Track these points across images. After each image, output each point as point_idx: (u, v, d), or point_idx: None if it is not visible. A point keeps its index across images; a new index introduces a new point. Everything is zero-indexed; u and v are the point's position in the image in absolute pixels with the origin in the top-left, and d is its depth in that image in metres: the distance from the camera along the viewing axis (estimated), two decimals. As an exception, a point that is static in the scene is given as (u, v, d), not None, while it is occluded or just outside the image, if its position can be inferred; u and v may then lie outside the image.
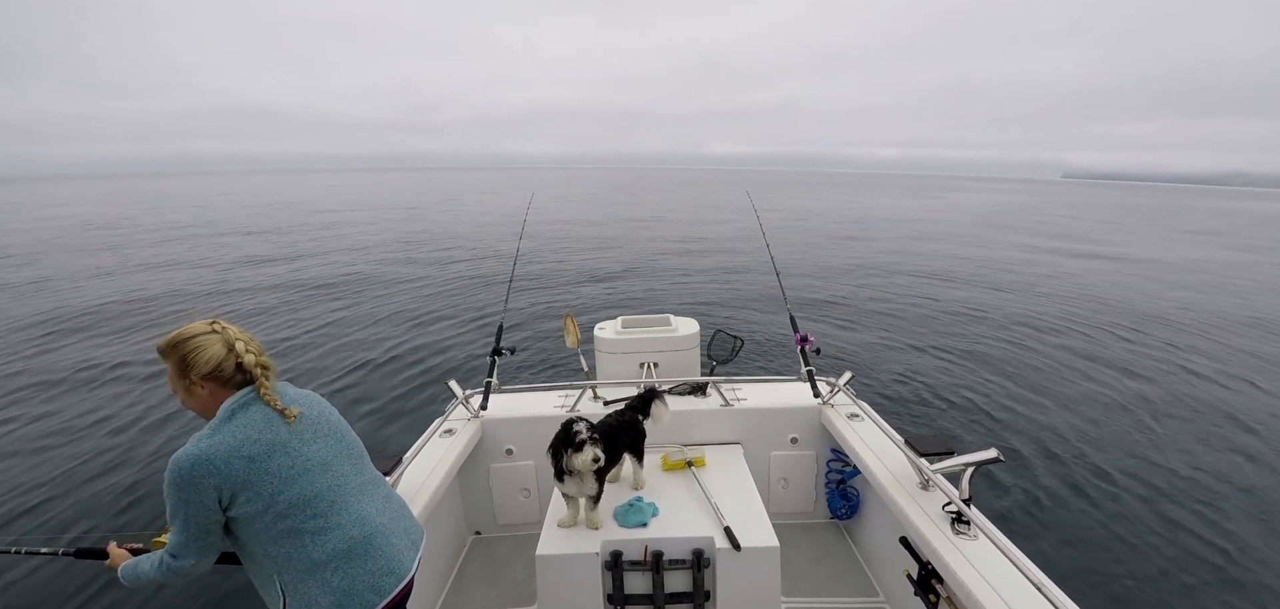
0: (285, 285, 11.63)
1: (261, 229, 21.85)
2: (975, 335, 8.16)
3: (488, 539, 3.05)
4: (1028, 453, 4.80)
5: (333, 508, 1.40)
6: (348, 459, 1.50)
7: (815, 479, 3.01)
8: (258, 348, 1.43)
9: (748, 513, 2.16)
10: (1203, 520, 3.94)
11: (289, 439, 1.37)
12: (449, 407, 2.99)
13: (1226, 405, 5.81)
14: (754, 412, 2.92)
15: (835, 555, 2.82)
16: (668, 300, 10.39)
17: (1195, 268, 15.08)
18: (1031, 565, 1.68)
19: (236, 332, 1.42)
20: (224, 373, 1.36)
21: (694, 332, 3.46)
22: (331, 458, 1.45)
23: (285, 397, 1.43)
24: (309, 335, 8.20)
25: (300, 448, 1.39)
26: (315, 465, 1.40)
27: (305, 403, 1.47)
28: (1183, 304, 10.41)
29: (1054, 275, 13.16)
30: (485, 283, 11.70)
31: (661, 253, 15.99)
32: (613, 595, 2.04)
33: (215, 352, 1.35)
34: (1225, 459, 4.75)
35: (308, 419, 1.44)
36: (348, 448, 1.52)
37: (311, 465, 1.39)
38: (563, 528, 2.12)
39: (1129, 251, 17.74)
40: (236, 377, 1.38)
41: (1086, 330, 8.47)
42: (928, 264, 14.35)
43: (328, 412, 1.52)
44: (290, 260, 14.72)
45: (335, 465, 1.45)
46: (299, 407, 1.44)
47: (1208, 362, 7.19)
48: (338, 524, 1.39)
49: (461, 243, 18.05)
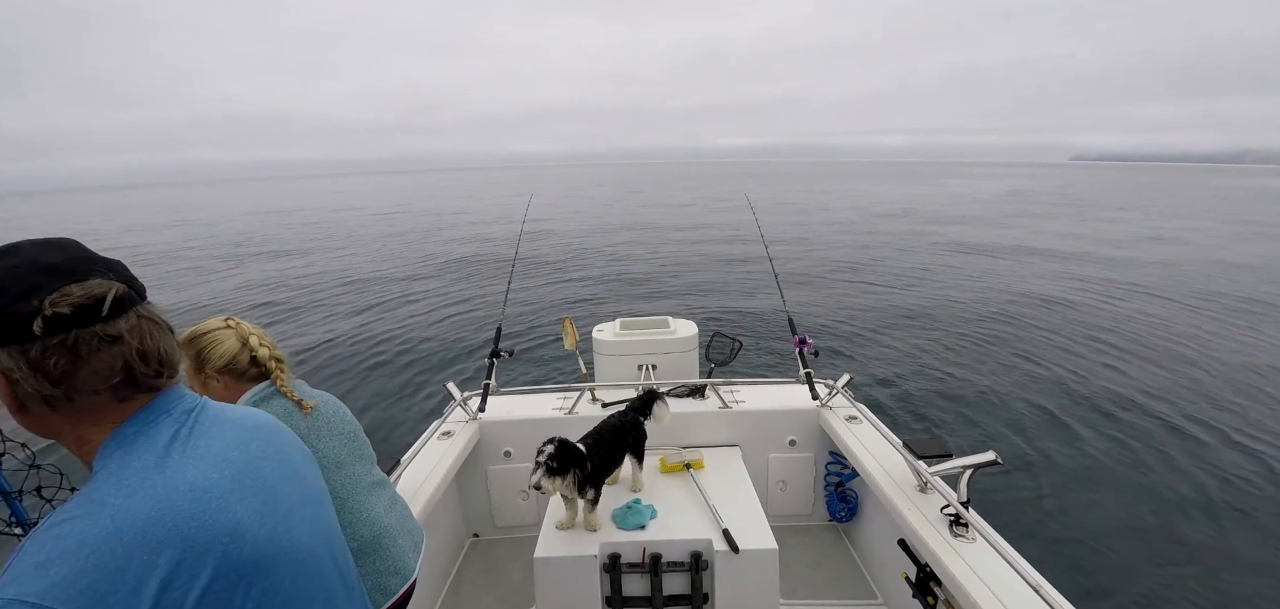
0: (283, 285, 11.62)
1: (257, 238, 21.82)
2: (976, 336, 8.17)
3: (486, 541, 3.04)
4: (1027, 455, 4.81)
5: (344, 506, 1.41)
6: (359, 459, 1.51)
7: (814, 482, 3.01)
8: (271, 343, 1.46)
9: (746, 515, 2.16)
10: (1204, 521, 3.95)
11: (306, 433, 1.39)
12: (447, 409, 2.98)
13: (1238, 402, 5.83)
14: (752, 414, 2.92)
15: (833, 558, 2.82)
16: (666, 302, 10.39)
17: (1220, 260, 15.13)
18: (1030, 568, 1.68)
19: (250, 327, 1.45)
20: (238, 366, 1.39)
21: (692, 334, 3.46)
22: (345, 456, 1.46)
23: (301, 391, 1.46)
24: (305, 337, 8.20)
25: (316, 443, 1.40)
26: (329, 462, 1.41)
27: (320, 400, 1.49)
28: (1180, 293, 10.43)
29: (1056, 271, 13.19)
30: (483, 284, 11.70)
31: (660, 253, 16.00)
32: (611, 597, 2.04)
33: (230, 346, 1.39)
34: (1235, 457, 4.75)
35: (323, 415, 1.46)
36: (359, 448, 1.53)
37: (326, 462, 1.40)
38: (561, 530, 2.12)
39: (1136, 235, 17.79)
40: (251, 370, 1.40)
41: (1087, 326, 8.49)
42: (928, 262, 14.37)
43: (341, 410, 1.54)
44: (288, 256, 14.71)
45: (348, 464, 1.46)
46: (315, 401, 1.46)
47: (1213, 353, 7.20)
48: (348, 522, 1.40)
49: (461, 243, 18.05)
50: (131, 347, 0.70)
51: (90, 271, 0.70)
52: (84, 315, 0.67)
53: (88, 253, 0.73)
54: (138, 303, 0.74)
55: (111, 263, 0.74)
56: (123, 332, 0.70)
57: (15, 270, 0.66)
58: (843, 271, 13.34)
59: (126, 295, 0.72)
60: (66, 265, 0.69)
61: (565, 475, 1.92)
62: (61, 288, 0.66)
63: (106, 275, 0.71)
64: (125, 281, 0.73)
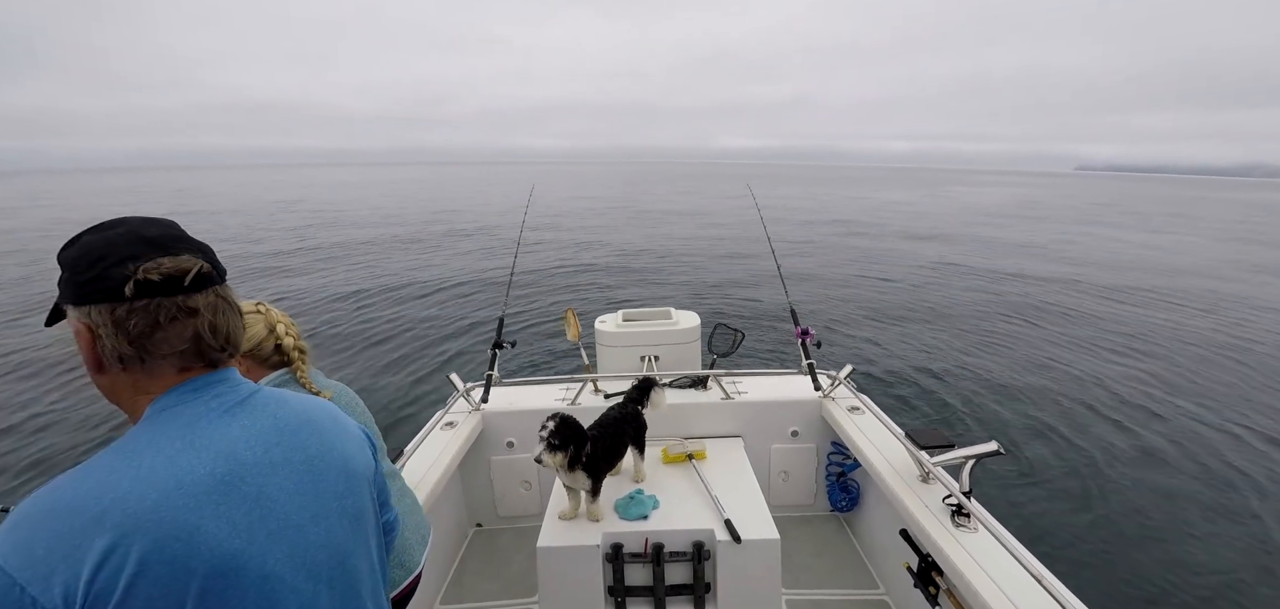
0: (283, 277, 11.65)
1: (261, 226, 21.85)
2: (978, 329, 8.15)
3: (489, 531, 3.06)
4: (1029, 445, 4.81)
5: None
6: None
7: (816, 472, 3.01)
8: (297, 333, 1.47)
9: (748, 505, 2.16)
10: (1205, 518, 3.94)
11: None
12: (450, 399, 3.00)
13: (1243, 398, 5.81)
14: (755, 405, 2.92)
15: (835, 548, 2.82)
16: (669, 294, 10.39)
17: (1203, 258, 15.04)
18: (1031, 557, 1.68)
19: (279, 314, 1.46)
20: (262, 352, 1.40)
21: (695, 325, 3.46)
22: None
23: (317, 382, 1.47)
24: (308, 327, 8.22)
25: None
26: None
27: (335, 391, 1.50)
28: (1184, 288, 10.39)
29: (1064, 265, 13.13)
30: (486, 276, 11.70)
31: (664, 246, 15.97)
32: (613, 587, 2.05)
33: (257, 331, 1.39)
34: (1242, 451, 4.74)
35: (337, 405, 1.46)
36: (371, 438, 1.54)
37: None
38: (563, 520, 2.13)
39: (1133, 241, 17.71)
40: (273, 357, 1.42)
41: (1086, 325, 8.46)
42: (931, 257, 14.32)
43: (354, 401, 1.55)
44: (289, 253, 14.74)
45: None
46: (331, 393, 1.47)
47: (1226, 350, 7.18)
48: None
49: (463, 236, 18.04)
50: (205, 321, 0.77)
51: (181, 249, 0.77)
52: (170, 285, 0.74)
53: (181, 233, 0.81)
54: (217, 283, 0.81)
55: (202, 245, 0.81)
56: (200, 306, 0.77)
57: (119, 239, 0.74)
58: (846, 266, 13.31)
59: (209, 274, 0.78)
60: (162, 240, 0.76)
61: (566, 451, 1.93)
62: (155, 258, 0.73)
63: (195, 254, 0.78)
64: (210, 263, 0.80)
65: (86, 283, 0.73)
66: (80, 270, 0.73)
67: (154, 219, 0.79)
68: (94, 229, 0.77)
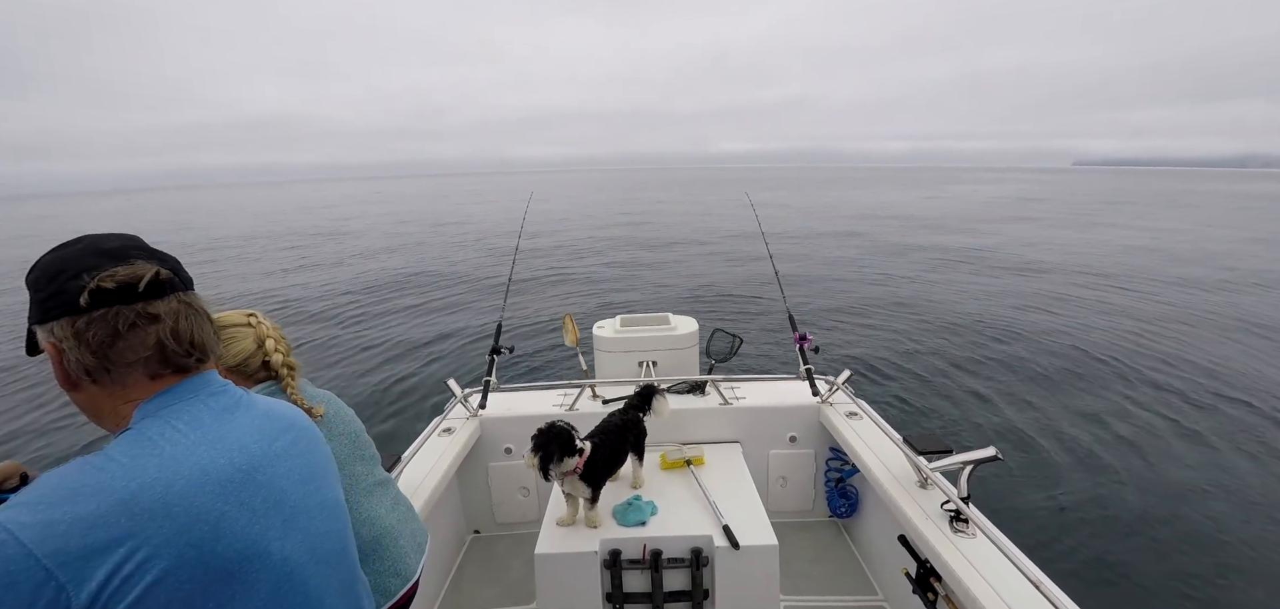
0: (283, 283, 11.62)
1: (257, 237, 21.82)
2: (978, 334, 8.16)
3: (486, 538, 3.05)
4: (1028, 450, 4.81)
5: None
6: (361, 460, 1.50)
7: (814, 478, 3.01)
8: (287, 347, 1.43)
9: (746, 511, 2.16)
10: (1207, 520, 3.95)
11: None
12: (447, 405, 2.99)
13: (1243, 393, 5.82)
14: (753, 410, 2.92)
15: (834, 554, 2.82)
16: (667, 299, 10.39)
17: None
18: (1030, 563, 1.68)
19: (270, 327, 1.41)
20: (249, 368, 1.36)
21: (693, 330, 3.46)
22: (346, 457, 1.45)
23: (306, 394, 1.43)
24: (304, 334, 8.20)
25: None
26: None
27: (326, 402, 1.47)
28: (1185, 298, 10.42)
29: (1059, 267, 13.17)
30: (484, 282, 11.70)
31: (661, 252, 15.98)
32: (611, 594, 2.04)
33: (244, 346, 1.35)
34: (1241, 455, 4.74)
35: (326, 418, 1.43)
36: (361, 448, 1.52)
37: None
38: (561, 526, 2.12)
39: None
40: (260, 373, 1.38)
41: (1086, 323, 8.47)
42: (929, 260, 14.35)
43: (343, 410, 1.52)
44: (293, 267, 14.71)
45: (349, 465, 1.45)
46: (322, 406, 1.43)
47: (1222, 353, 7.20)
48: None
49: (461, 244, 18.04)
50: (167, 327, 0.77)
51: (138, 257, 0.78)
52: (125, 293, 0.74)
53: (140, 243, 0.81)
54: (180, 289, 0.80)
55: (164, 256, 0.81)
56: (161, 312, 0.77)
57: (76, 254, 0.75)
58: (845, 269, 13.33)
59: (167, 280, 0.78)
60: (119, 251, 0.77)
61: (535, 455, 1.93)
62: (110, 268, 0.74)
63: (153, 262, 0.78)
64: (171, 270, 0.80)
65: (46, 299, 0.73)
66: (41, 288, 0.74)
67: (114, 234, 0.80)
68: (55, 248, 0.77)
